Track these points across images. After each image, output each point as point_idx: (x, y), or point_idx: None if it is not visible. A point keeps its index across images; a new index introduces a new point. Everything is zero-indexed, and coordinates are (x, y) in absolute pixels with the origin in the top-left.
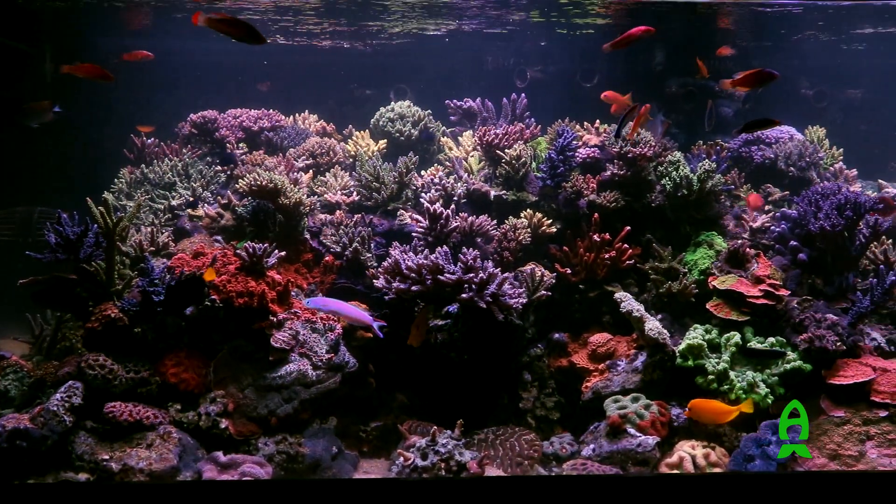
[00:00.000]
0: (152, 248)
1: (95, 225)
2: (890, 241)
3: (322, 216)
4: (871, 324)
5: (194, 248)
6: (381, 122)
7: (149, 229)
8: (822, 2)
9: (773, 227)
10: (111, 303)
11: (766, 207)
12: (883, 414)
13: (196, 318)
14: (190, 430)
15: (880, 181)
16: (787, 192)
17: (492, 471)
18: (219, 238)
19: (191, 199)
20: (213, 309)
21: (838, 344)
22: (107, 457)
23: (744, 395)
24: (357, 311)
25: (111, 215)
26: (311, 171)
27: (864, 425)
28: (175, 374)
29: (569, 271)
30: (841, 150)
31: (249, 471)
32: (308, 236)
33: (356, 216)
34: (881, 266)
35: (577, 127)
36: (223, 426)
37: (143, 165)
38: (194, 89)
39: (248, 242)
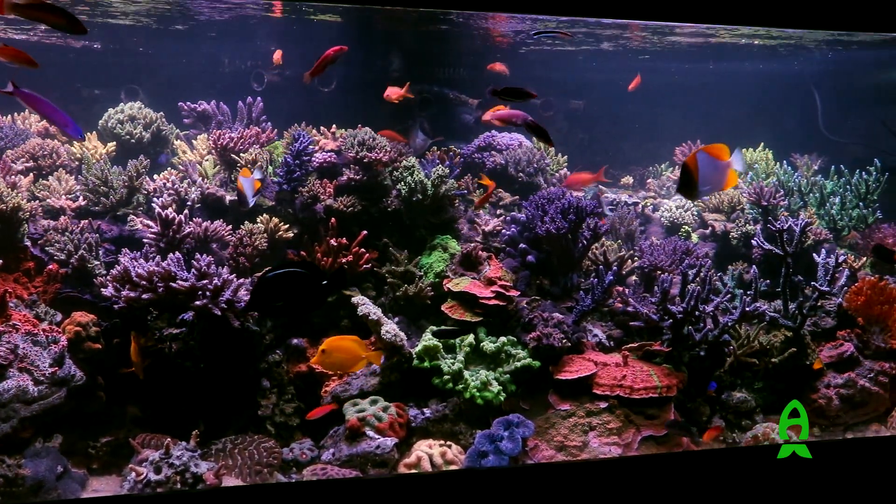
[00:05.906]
0: None
1: None
2: (610, 242)
3: (45, 222)
4: (593, 321)
5: None
6: (109, 124)
7: None
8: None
9: (504, 231)
10: None
11: (498, 212)
12: (603, 405)
13: None
14: None
15: (600, 186)
16: (517, 197)
17: (230, 481)
18: None
19: None
20: None
21: (564, 341)
22: None
23: (478, 394)
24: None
25: None
26: (32, 174)
27: (587, 417)
28: None
29: None
30: (566, 156)
31: None
32: (29, 243)
33: (83, 222)
34: (601, 266)
35: (314, 131)
36: None
37: None
38: None
39: None
